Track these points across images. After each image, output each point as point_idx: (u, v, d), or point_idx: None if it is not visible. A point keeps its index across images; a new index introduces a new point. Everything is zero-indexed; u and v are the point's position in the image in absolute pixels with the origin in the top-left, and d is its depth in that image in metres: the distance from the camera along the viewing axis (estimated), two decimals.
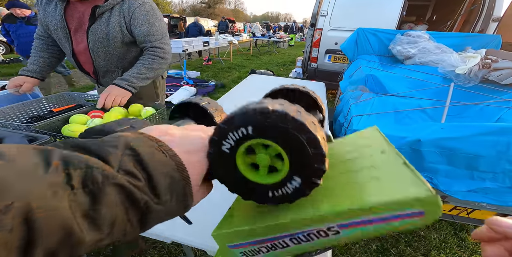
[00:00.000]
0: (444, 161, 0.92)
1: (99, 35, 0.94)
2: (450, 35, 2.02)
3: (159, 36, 1.00)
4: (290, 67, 6.22)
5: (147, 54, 1.00)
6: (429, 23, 4.10)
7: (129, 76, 0.95)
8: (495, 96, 1.17)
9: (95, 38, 0.94)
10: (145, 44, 0.99)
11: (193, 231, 0.59)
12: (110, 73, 1.08)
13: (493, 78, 1.26)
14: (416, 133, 0.94)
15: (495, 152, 0.85)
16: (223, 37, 6.60)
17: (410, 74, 1.51)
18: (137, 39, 0.99)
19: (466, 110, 1.27)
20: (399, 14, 2.77)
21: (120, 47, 0.99)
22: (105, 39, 0.95)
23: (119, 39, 0.96)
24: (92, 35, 0.94)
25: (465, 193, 0.95)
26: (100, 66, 1.03)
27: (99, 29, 0.93)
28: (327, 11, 3.03)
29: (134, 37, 0.99)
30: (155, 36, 0.98)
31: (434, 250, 1.34)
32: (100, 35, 0.94)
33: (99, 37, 0.94)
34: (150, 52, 1.00)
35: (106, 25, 0.93)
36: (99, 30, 0.93)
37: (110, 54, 1.00)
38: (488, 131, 0.84)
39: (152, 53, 0.99)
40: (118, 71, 1.07)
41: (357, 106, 1.29)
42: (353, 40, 2.18)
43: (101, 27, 0.93)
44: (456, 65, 1.37)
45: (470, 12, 2.99)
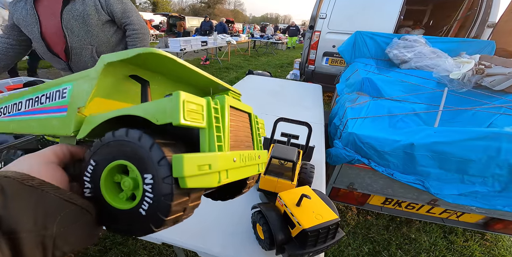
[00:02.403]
0: (435, 164, 0.93)
1: (74, 13, 1.05)
2: (445, 40, 2.04)
3: (134, 13, 1.16)
4: (288, 68, 6.23)
5: (132, 35, 1.17)
6: (426, 28, 4.16)
7: None
8: (487, 102, 1.19)
9: (69, 16, 1.05)
10: (124, 20, 1.14)
11: (184, 232, 0.58)
12: (82, 50, 1.13)
13: (486, 84, 1.28)
14: (410, 137, 0.95)
15: (485, 157, 0.86)
16: (222, 37, 6.59)
17: (405, 78, 1.53)
18: (116, 16, 1.12)
19: (459, 115, 1.28)
20: (397, 18, 2.80)
21: (95, 25, 1.09)
22: (80, 17, 1.06)
23: (94, 17, 1.08)
24: (66, 14, 1.05)
25: (455, 197, 0.96)
26: (73, 42, 1.11)
27: (74, 8, 1.05)
28: (326, 13, 3.05)
29: (111, 16, 1.12)
30: (130, 12, 1.14)
31: (424, 252, 1.35)
32: (75, 14, 1.05)
33: (74, 15, 1.05)
34: (133, 32, 1.16)
35: (81, 5, 1.05)
36: (74, 9, 1.05)
37: (84, 30, 1.09)
38: (479, 136, 0.85)
39: (135, 33, 1.16)
40: (91, 48, 1.14)
41: (352, 109, 1.30)
42: (351, 43, 2.20)
43: (75, 7, 1.05)
44: (450, 70, 1.39)
45: (466, 18, 3.04)
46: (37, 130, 0.27)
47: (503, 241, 1.50)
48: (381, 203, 1.22)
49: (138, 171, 0.19)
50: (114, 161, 0.20)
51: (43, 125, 0.26)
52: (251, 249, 0.56)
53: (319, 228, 0.45)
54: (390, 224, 1.53)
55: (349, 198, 1.25)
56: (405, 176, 1.00)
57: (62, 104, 0.24)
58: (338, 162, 1.10)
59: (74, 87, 0.24)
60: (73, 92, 0.24)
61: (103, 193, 0.20)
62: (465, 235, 1.50)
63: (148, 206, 0.18)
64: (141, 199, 0.19)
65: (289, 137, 0.78)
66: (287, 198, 0.51)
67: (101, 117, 0.21)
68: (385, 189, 1.11)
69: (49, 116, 0.25)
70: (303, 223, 0.45)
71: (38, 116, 0.26)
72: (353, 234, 1.44)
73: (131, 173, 0.20)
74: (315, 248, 0.47)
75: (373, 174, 1.07)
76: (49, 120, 0.25)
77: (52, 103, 0.25)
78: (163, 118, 0.18)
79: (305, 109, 1.52)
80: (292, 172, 0.61)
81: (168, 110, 0.17)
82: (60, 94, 0.25)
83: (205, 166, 0.18)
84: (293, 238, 0.48)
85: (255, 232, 0.57)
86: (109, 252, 1.20)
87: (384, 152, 0.97)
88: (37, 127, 0.27)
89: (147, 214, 0.18)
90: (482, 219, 1.13)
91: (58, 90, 0.25)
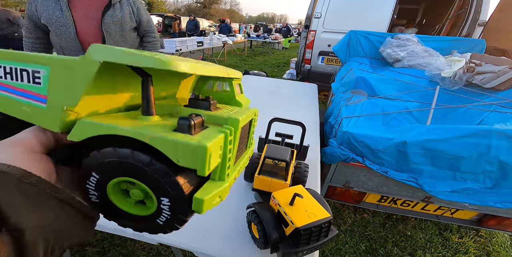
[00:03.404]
0: (428, 162, 0.95)
1: (114, 18, 1.19)
2: (437, 38, 2.07)
3: (153, 23, 1.39)
4: (284, 68, 6.25)
5: (152, 42, 1.40)
6: (419, 27, 4.20)
7: None
8: (478, 99, 1.21)
9: (110, 21, 1.18)
10: (147, 28, 1.36)
11: (180, 232, 0.59)
12: None
13: (477, 82, 1.30)
14: (403, 135, 0.97)
15: (476, 154, 0.88)
16: (218, 37, 6.58)
17: (398, 77, 1.55)
18: (142, 25, 1.32)
19: (451, 112, 1.31)
20: (390, 17, 2.83)
21: (128, 30, 1.27)
22: (119, 22, 1.22)
23: (128, 23, 1.25)
24: (107, 19, 1.18)
25: (448, 194, 0.98)
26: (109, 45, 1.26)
27: (114, 14, 1.19)
28: (320, 13, 3.07)
29: (137, 24, 1.31)
30: (152, 22, 1.37)
31: (420, 249, 1.37)
32: (115, 19, 1.20)
33: (114, 21, 1.19)
34: (153, 39, 1.40)
35: (120, 11, 1.21)
36: (114, 15, 1.19)
37: (119, 35, 1.25)
38: (470, 134, 0.87)
39: (154, 40, 1.41)
40: None
41: (347, 108, 1.31)
42: (345, 43, 2.21)
43: (115, 13, 1.20)
44: (442, 68, 1.41)
45: (458, 17, 3.08)
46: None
47: (497, 237, 1.52)
48: (377, 201, 1.24)
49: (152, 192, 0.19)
50: (121, 177, 0.19)
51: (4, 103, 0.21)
52: (247, 248, 0.56)
53: (312, 227, 0.45)
54: (386, 221, 1.55)
55: (345, 197, 1.26)
56: (399, 174, 1.01)
57: (36, 91, 0.20)
58: (333, 161, 1.11)
59: (52, 76, 0.19)
60: (52, 82, 0.20)
61: (113, 200, 0.21)
62: (460, 232, 1.52)
63: (165, 219, 0.20)
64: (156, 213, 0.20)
65: (283, 137, 0.78)
66: (281, 197, 0.52)
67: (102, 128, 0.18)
68: (380, 187, 1.12)
69: (14, 98, 0.21)
70: (296, 221, 0.46)
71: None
72: (350, 232, 1.46)
73: (137, 185, 0.20)
74: (309, 246, 0.47)
75: (368, 172, 1.09)
76: (15, 102, 0.21)
77: (16, 83, 0.20)
78: (187, 163, 0.18)
79: (301, 109, 1.53)
80: (286, 171, 0.62)
81: (193, 159, 0.17)
82: (30, 76, 0.20)
83: (216, 198, 0.20)
84: (287, 236, 0.49)
85: (250, 231, 0.58)
86: (108, 254, 1.20)
87: (378, 150, 0.98)
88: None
89: (164, 224, 0.21)
90: (475, 215, 1.15)
91: (25, 69, 0.20)
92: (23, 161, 0.18)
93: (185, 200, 0.19)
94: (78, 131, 0.19)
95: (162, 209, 0.20)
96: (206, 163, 0.18)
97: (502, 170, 0.89)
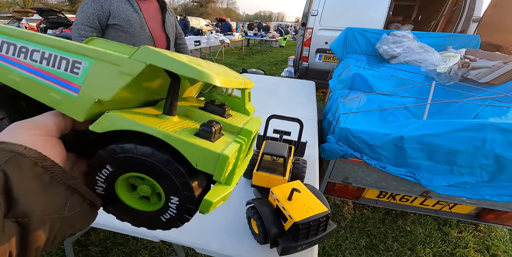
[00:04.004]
0: (425, 156, 0.96)
1: (169, 23, 1.35)
2: (433, 35, 2.08)
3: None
4: (282, 66, 6.24)
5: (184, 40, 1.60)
6: (415, 23, 4.22)
7: None
8: (473, 94, 1.22)
9: (168, 24, 1.34)
10: (180, 32, 1.54)
11: (181, 229, 0.59)
12: None
13: (472, 77, 1.31)
14: (399, 130, 0.98)
15: (472, 148, 0.89)
16: (215, 36, 6.55)
17: (395, 73, 1.56)
18: (177, 28, 1.49)
19: (447, 107, 1.32)
20: (386, 14, 2.84)
21: (174, 34, 1.44)
22: (172, 26, 1.39)
23: (174, 28, 1.44)
24: (167, 22, 1.33)
25: (445, 188, 0.98)
26: (170, 45, 1.41)
27: (169, 18, 1.35)
28: (317, 10, 3.07)
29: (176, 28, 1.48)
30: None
31: (419, 244, 1.38)
32: (170, 23, 1.36)
33: (170, 24, 1.36)
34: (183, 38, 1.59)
35: (171, 17, 1.37)
36: (169, 19, 1.35)
37: (172, 36, 1.41)
38: (465, 128, 0.88)
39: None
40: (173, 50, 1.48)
41: (344, 104, 1.32)
42: (342, 40, 2.22)
43: (169, 17, 1.35)
44: (437, 64, 1.42)
45: (452, 13, 3.10)
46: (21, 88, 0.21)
47: (496, 231, 1.53)
48: (376, 196, 1.25)
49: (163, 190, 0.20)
50: (134, 172, 0.20)
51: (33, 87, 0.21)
52: (247, 244, 0.57)
53: (310, 221, 0.46)
54: (385, 217, 1.56)
55: (344, 193, 1.27)
56: (396, 169, 1.02)
57: (71, 80, 0.20)
58: (331, 157, 1.12)
59: (93, 68, 0.20)
60: (91, 74, 0.20)
61: (119, 194, 0.21)
62: (459, 227, 1.53)
63: (169, 217, 0.21)
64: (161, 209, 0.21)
65: (281, 133, 0.79)
66: (279, 192, 0.53)
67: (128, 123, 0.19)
68: (378, 182, 1.13)
69: (45, 83, 0.20)
70: (294, 216, 0.46)
71: (24, 73, 0.21)
72: (350, 228, 1.47)
73: (147, 180, 0.21)
74: (307, 241, 0.48)
75: (366, 168, 1.10)
76: (45, 88, 0.20)
77: (53, 69, 0.20)
78: (205, 169, 0.19)
79: (299, 106, 1.53)
80: (284, 167, 0.62)
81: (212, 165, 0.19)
82: (69, 65, 0.20)
83: (221, 201, 0.21)
84: (286, 231, 0.49)
85: (250, 227, 0.58)
86: (111, 253, 1.21)
87: (375, 145, 0.99)
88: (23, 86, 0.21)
89: (167, 221, 0.21)
90: (473, 210, 1.16)
91: (66, 58, 0.20)
92: (40, 144, 0.18)
93: (194, 201, 0.20)
94: (103, 123, 0.19)
95: (169, 207, 0.20)
96: (224, 170, 0.19)
97: (498, 164, 0.90)
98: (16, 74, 0.21)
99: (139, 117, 0.20)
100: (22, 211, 0.14)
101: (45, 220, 0.16)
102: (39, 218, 0.15)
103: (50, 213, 0.16)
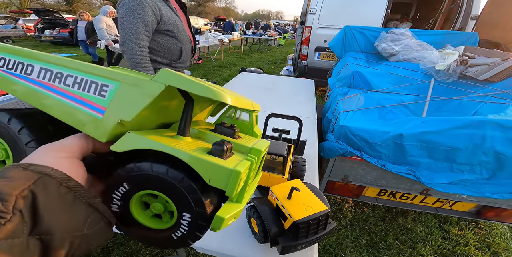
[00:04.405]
0: (425, 154, 0.96)
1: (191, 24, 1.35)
2: (431, 32, 2.08)
3: None
4: (281, 64, 6.23)
5: None
6: (413, 21, 4.21)
7: None
8: (472, 91, 1.22)
9: (191, 26, 1.35)
10: None
11: None
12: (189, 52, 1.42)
13: (470, 74, 1.31)
14: (399, 127, 0.97)
15: (471, 145, 0.89)
16: (214, 35, 6.53)
17: (393, 71, 1.55)
18: None
19: (446, 104, 1.32)
20: (384, 12, 2.83)
21: None
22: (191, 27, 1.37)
23: None
24: (190, 24, 1.33)
25: (445, 185, 0.98)
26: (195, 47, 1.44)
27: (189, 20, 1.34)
28: (315, 9, 3.06)
29: None
30: None
31: (420, 242, 1.38)
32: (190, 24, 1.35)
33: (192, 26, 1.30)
34: None
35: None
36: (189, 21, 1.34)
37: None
38: (465, 125, 0.88)
39: None
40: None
41: (344, 102, 1.32)
42: (341, 38, 2.21)
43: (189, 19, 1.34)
44: (436, 61, 1.42)
45: (450, 11, 3.09)
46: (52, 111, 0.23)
47: (497, 229, 1.52)
48: (376, 194, 1.25)
49: (175, 207, 0.21)
50: (149, 190, 0.21)
51: (62, 110, 0.22)
52: (247, 243, 0.56)
53: (310, 220, 0.46)
54: (386, 215, 1.56)
55: (344, 191, 1.27)
56: (396, 167, 1.02)
57: (98, 102, 0.22)
58: (331, 155, 1.12)
59: (118, 91, 0.21)
60: (116, 96, 0.21)
61: (132, 212, 0.22)
62: (460, 224, 1.53)
63: (181, 235, 0.22)
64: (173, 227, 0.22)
65: (280, 132, 0.79)
66: (279, 191, 0.52)
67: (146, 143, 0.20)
68: (378, 180, 1.13)
69: (74, 107, 0.22)
70: (294, 215, 0.46)
71: (57, 97, 0.22)
72: (350, 226, 1.47)
73: (160, 198, 0.22)
74: (308, 239, 0.48)
75: (366, 166, 1.10)
76: (74, 111, 0.22)
77: (83, 93, 0.22)
78: (218, 185, 0.20)
79: (298, 104, 1.53)
80: (283, 166, 0.62)
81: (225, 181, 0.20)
82: (98, 88, 0.22)
83: (232, 219, 0.22)
84: (286, 230, 0.49)
85: (250, 226, 0.58)
86: (112, 253, 1.21)
87: (375, 143, 0.99)
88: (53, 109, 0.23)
89: (178, 239, 0.22)
90: (474, 207, 1.16)
91: (95, 82, 0.22)
92: (65, 165, 0.19)
93: (206, 218, 0.20)
94: (123, 143, 0.21)
95: (181, 224, 0.21)
96: (236, 186, 0.20)
97: (498, 161, 0.90)
98: (50, 99, 0.23)
99: (156, 137, 0.21)
100: (45, 228, 0.15)
101: (66, 237, 0.17)
102: (61, 235, 0.16)
103: (71, 231, 0.17)
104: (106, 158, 0.24)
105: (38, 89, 0.23)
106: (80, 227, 0.18)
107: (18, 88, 0.23)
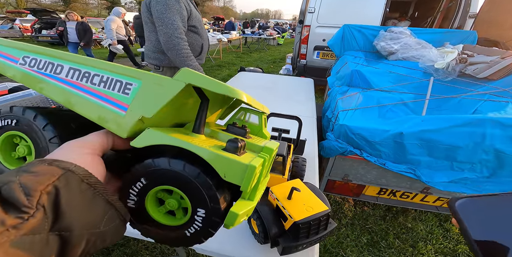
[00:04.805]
0: (425, 152, 0.96)
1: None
2: (430, 31, 2.08)
3: None
4: (280, 64, 6.22)
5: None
6: (411, 19, 4.21)
7: None
8: (472, 89, 1.22)
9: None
10: None
11: None
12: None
13: (469, 72, 1.31)
14: (399, 126, 0.97)
15: (471, 143, 0.88)
16: (212, 35, 6.51)
17: (393, 69, 1.55)
18: None
19: (445, 103, 1.31)
20: (383, 10, 2.83)
21: None
22: None
23: None
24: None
25: (446, 184, 0.98)
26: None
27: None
28: (314, 8, 3.05)
29: None
30: None
31: (421, 241, 1.37)
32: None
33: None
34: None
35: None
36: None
37: None
38: (464, 123, 0.88)
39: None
40: None
41: (343, 101, 1.31)
42: (340, 37, 2.21)
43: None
44: (435, 60, 1.42)
45: (449, 9, 3.09)
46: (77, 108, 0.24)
47: None
48: (376, 193, 1.24)
49: (190, 202, 0.21)
50: (166, 185, 0.21)
51: (87, 108, 0.23)
52: (247, 244, 0.56)
53: (310, 220, 0.45)
54: (386, 214, 1.56)
55: (345, 190, 1.27)
56: (396, 166, 1.02)
57: (121, 100, 0.23)
58: (331, 154, 1.11)
59: (141, 89, 0.22)
60: (139, 94, 0.22)
61: (147, 208, 0.22)
62: None
63: (194, 231, 0.22)
64: (187, 223, 0.22)
65: (280, 131, 0.78)
66: (279, 192, 0.52)
67: (165, 139, 0.21)
68: (379, 179, 1.13)
69: (99, 104, 0.23)
70: (295, 215, 0.46)
71: (83, 95, 0.24)
72: (351, 225, 1.47)
73: (175, 194, 0.22)
74: (308, 240, 0.47)
75: (366, 165, 1.09)
76: (98, 108, 0.23)
77: (108, 91, 0.23)
78: (233, 180, 0.20)
79: (298, 104, 1.52)
80: (283, 166, 0.61)
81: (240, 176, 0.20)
82: (122, 87, 0.23)
83: (244, 216, 0.22)
84: (286, 231, 0.49)
85: (250, 227, 0.58)
86: (112, 254, 1.20)
87: (374, 142, 0.99)
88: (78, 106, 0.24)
89: (191, 236, 0.22)
90: None
91: (120, 80, 0.23)
92: (88, 162, 0.20)
93: (220, 214, 0.21)
94: (143, 139, 0.21)
95: (195, 220, 0.21)
96: (251, 181, 0.20)
97: (498, 159, 0.90)
98: (77, 97, 0.24)
99: (174, 134, 0.22)
100: (66, 225, 0.15)
101: (84, 234, 0.17)
102: (79, 232, 0.16)
103: (90, 228, 0.17)
104: (124, 155, 0.25)
105: (66, 87, 0.24)
106: (98, 224, 0.18)
107: (45, 86, 0.25)
